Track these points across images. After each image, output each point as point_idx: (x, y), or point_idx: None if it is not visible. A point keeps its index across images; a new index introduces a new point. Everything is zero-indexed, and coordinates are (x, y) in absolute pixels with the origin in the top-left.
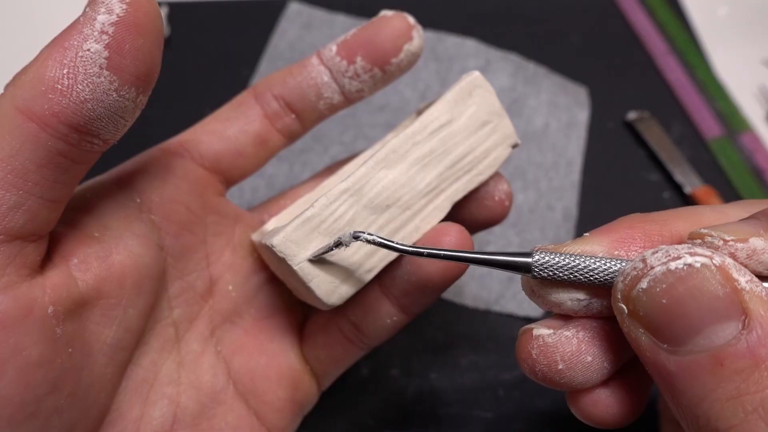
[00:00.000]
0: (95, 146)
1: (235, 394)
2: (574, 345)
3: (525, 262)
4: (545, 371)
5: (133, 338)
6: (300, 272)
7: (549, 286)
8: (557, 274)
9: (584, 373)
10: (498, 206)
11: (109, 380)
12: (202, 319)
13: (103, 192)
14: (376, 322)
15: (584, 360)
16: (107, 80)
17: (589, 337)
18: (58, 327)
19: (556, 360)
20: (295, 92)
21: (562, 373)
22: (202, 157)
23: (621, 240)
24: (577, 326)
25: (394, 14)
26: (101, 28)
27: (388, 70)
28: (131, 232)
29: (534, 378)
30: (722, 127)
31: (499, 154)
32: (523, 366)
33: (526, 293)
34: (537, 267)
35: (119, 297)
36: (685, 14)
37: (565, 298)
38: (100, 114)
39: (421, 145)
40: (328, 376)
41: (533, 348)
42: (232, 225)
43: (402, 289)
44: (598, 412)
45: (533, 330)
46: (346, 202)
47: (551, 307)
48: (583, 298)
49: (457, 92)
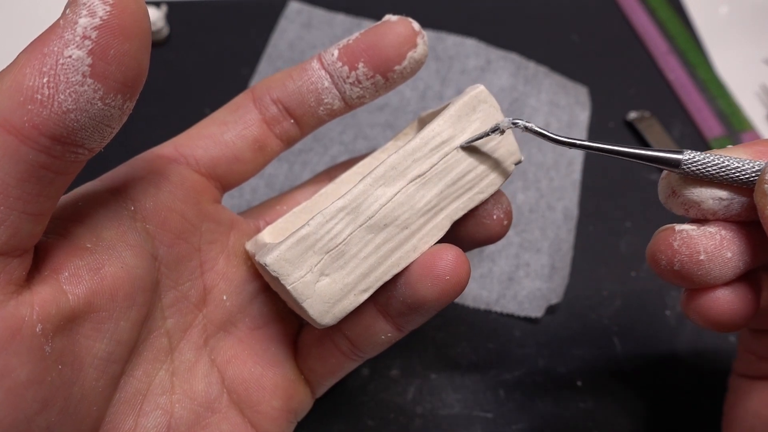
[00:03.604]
0: (80, 156)
1: (229, 403)
2: (717, 240)
3: (676, 158)
4: (685, 261)
5: (125, 350)
6: (293, 292)
7: (692, 184)
8: (706, 170)
9: (721, 267)
10: (496, 225)
11: (101, 393)
12: (196, 329)
13: (96, 200)
14: (370, 338)
15: (725, 255)
16: (91, 89)
17: (730, 236)
18: (46, 345)
19: (699, 251)
20: (294, 97)
21: (701, 264)
22: (198, 163)
23: (763, 152)
24: (719, 225)
25: (398, 19)
26: (83, 33)
27: (391, 77)
28: (125, 243)
29: (669, 270)
30: (723, 127)
31: (502, 172)
32: (659, 259)
33: (664, 196)
34: (687, 162)
35: (111, 310)
36: (685, 13)
37: (707, 196)
38: (84, 124)
39: (421, 162)
40: (322, 386)
41: (675, 240)
42: (227, 232)
43: (398, 309)
44: (717, 311)
45: (675, 226)
46: (343, 221)
47: (689, 207)
48: (726, 197)
49: (459, 107)
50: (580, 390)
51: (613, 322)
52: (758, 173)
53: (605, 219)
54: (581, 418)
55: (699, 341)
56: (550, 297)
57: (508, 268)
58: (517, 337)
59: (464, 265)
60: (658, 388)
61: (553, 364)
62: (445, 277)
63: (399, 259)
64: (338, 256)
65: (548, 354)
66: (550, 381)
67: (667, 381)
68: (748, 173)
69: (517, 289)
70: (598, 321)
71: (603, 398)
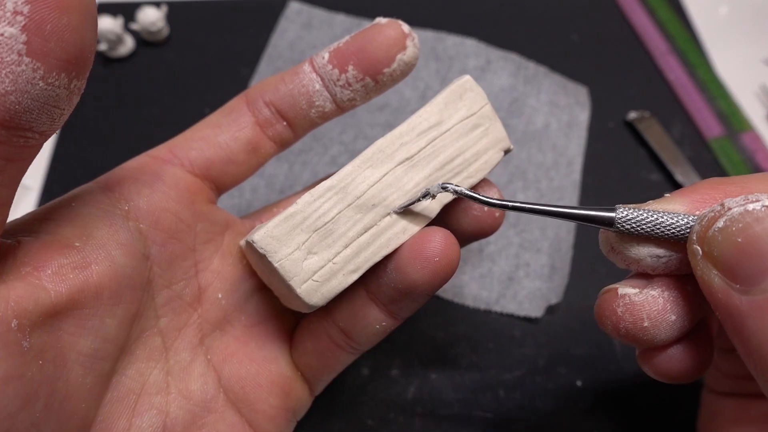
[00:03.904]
0: (30, 140)
1: (226, 402)
2: (660, 304)
3: (608, 216)
4: (630, 328)
5: (113, 348)
6: (280, 269)
7: (629, 242)
8: (640, 228)
9: (667, 330)
10: (488, 216)
11: (90, 390)
12: (191, 328)
13: (90, 200)
14: (364, 327)
15: (669, 319)
16: (30, 68)
17: (674, 297)
18: (24, 340)
19: (642, 318)
20: (286, 99)
21: (646, 330)
22: (192, 164)
23: (701, 201)
24: (662, 286)
25: (388, 22)
26: (14, 8)
27: (380, 80)
28: (115, 241)
29: (616, 335)
30: (723, 127)
31: (491, 158)
32: (605, 323)
33: (604, 250)
34: (620, 221)
35: (95, 307)
36: (685, 13)
37: (644, 254)
38: (27, 106)
39: (408, 145)
40: (320, 382)
41: (619, 306)
42: (222, 232)
43: (389, 295)
44: (672, 367)
45: (618, 289)
46: (331, 200)
47: (629, 263)
48: (663, 255)
49: (447, 95)
50: (580, 390)
51: None
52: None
53: None
54: (581, 418)
55: None
56: (550, 297)
57: (508, 268)
58: (517, 337)
59: (453, 246)
60: (658, 387)
61: (553, 364)
62: (434, 259)
63: (388, 240)
64: (326, 235)
65: (548, 354)
66: (550, 381)
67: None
68: (682, 229)
69: (517, 288)
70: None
71: (603, 398)
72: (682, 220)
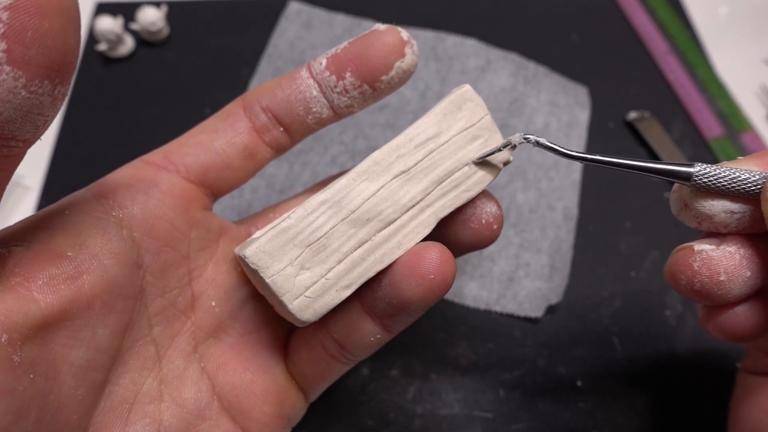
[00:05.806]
0: (14, 149)
1: (220, 410)
2: (736, 260)
3: (687, 171)
4: (705, 282)
5: (105, 358)
6: (272, 285)
7: (703, 197)
8: (717, 182)
9: (742, 286)
10: (485, 229)
11: (82, 402)
12: (185, 336)
13: (84, 208)
14: (359, 339)
15: (744, 274)
16: (11, 77)
17: (749, 254)
18: (15, 354)
19: (719, 272)
20: (283, 105)
21: (722, 285)
22: (188, 170)
23: None
24: (737, 243)
25: (386, 29)
26: None
27: (378, 87)
28: (108, 251)
29: (689, 290)
30: (723, 127)
31: (490, 171)
32: (678, 279)
33: (676, 209)
34: (698, 175)
35: (87, 318)
36: (685, 13)
37: (719, 209)
38: (10, 116)
39: (405, 158)
40: (314, 390)
41: (695, 261)
42: (217, 239)
43: (383, 310)
44: (739, 325)
45: (694, 246)
46: (325, 214)
47: (702, 220)
48: (737, 210)
49: (445, 105)
50: (580, 390)
51: (613, 322)
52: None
53: (605, 219)
54: (581, 418)
55: (699, 341)
56: (550, 297)
57: (508, 268)
58: (517, 337)
59: (449, 263)
60: (658, 388)
61: (553, 364)
62: (429, 276)
63: (383, 255)
64: (319, 250)
65: (548, 354)
66: (550, 381)
67: (667, 381)
68: (758, 183)
69: (517, 289)
70: (598, 321)
71: (603, 398)
72: (759, 176)
